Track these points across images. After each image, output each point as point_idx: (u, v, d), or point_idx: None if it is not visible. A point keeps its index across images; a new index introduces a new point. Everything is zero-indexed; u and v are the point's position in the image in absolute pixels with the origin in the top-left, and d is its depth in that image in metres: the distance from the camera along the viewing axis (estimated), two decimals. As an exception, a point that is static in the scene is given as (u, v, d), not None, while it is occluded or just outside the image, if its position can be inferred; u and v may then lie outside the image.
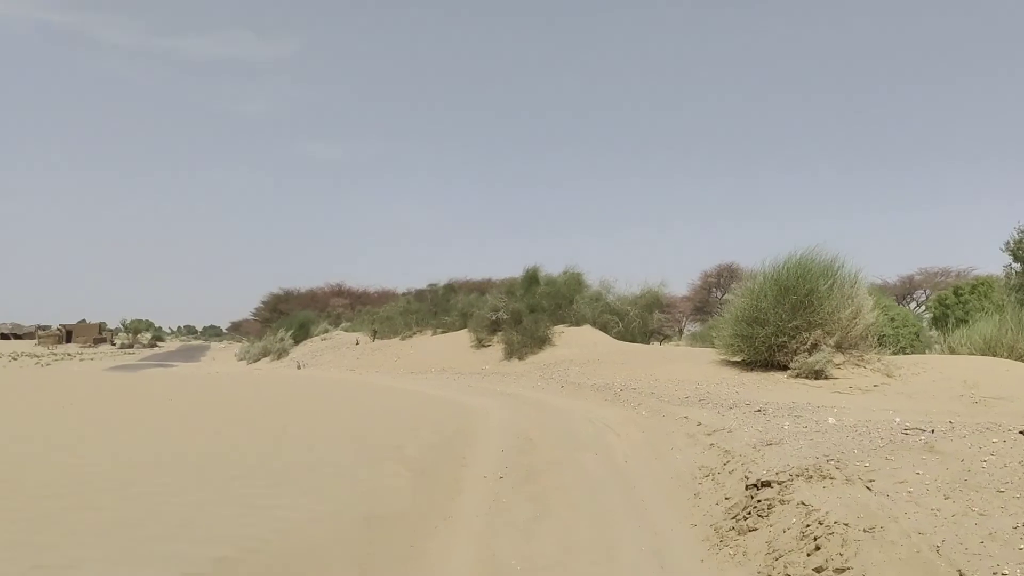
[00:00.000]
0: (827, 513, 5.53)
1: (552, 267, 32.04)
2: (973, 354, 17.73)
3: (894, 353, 18.99)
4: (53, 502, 5.48)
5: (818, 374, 15.71)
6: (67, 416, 10.91)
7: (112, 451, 7.69)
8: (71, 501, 5.54)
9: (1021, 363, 15.74)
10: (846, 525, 5.23)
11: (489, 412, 13.27)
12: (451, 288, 41.30)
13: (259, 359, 48.33)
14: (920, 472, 6.02)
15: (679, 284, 50.69)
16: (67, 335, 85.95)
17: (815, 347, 16.29)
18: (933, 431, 8.32)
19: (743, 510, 6.51)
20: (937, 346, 22.12)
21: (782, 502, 6.15)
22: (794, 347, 16.40)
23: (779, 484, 6.51)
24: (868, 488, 5.88)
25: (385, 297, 63.66)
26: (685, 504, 7.39)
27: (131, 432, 9.27)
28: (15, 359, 50.91)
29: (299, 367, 36.86)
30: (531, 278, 30.47)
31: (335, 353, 39.20)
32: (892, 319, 22.01)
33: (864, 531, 5.06)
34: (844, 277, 17.28)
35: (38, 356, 56.56)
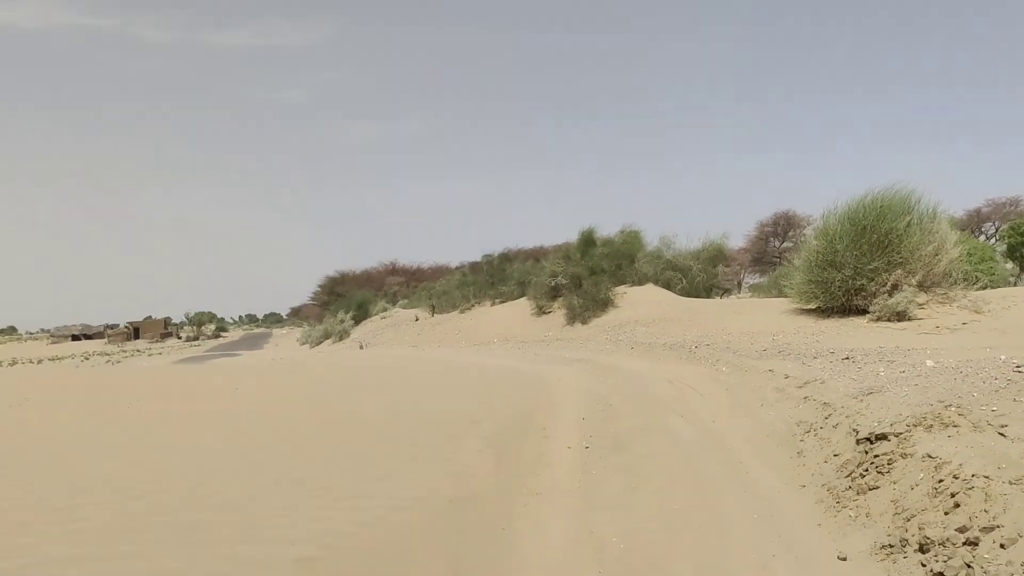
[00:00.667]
0: (961, 465, 4.99)
1: (610, 228, 31.41)
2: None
3: (981, 288, 18.04)
4: (127, 506, 5.27)
5: (901, 316, 14.96)
6: (128, 414, 10.87)
7: (183, 447, 7.51)
8: (142, 505, 5.31)
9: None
10: (987, 478, 4.68)
11: (562, 379, 12.88)
12: (506, 257, 40.93)
13: (321, 342, 48.84)
14: (1058, 413, 5.41)
15: (735, 236, 49.42)
16: (135, 332, 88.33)
17: (896, 288, 15.50)
18: (1049, 367, 7.65)
19: (858, 467, 5.99)
20: (1012, 279, 21.05)
21: (903, 456, 5.61)
22: (873, 289, 15.65)
23: (896, 436, 5.96)
24: (1002, 435, 5.30)
25: (439, 272, 63.75)
26: (788, 464, 6.89)
27: (198, 427, 9.12)
28: (87, 359, 52.41)
29: (361, 347, 37.03)
30: (587, 240, 29.87)
31: (395, 331, 39.31)
32: (969, 254, 20.93)
33: (1010, 483, 4.52)
34: (923, 212, 16.40)
35: (108, 354, 58.15)
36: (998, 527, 4.24)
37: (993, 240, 39.98)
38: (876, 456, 5.87)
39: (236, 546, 4.33)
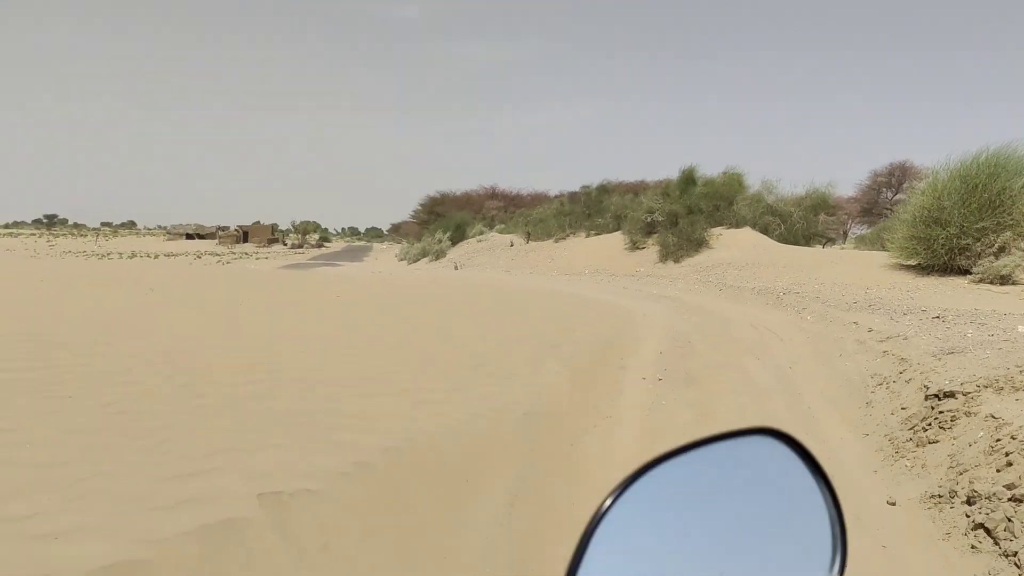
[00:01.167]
0: (1021, 427, 5.12)
1: (711, 168, 30.93)
2: None
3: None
4: (242, 389, 5.99)
5: (1004, 279, 14.50)
6: (242, 312, 11.81)
7: (292, 347, 8.26)
8: (257, 389, 6.02)
9: None
10: (1044, 440, 4.83)
11: (646, 315, 13.19)
12: (604, 190, 40.82)
13: (418, 260, 50.20)
14: None
15: (846, 185, 47.62)
16: (244, 235, 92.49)
17: (1003, 250, 14.98)
18: None
19: (922, 421, 6.16)
20: None
21: (967, 414, 5.75)
22: (978, 250, 15.17)
23: (964, 395, 6.08)
24: (1071, 402, 5.38)
25: (538, 200, 63.90)
26: (856, 413, 7.09)
27: (307, 329, 9.92)
28: (199, 257, 55.53)
29: (456, 267, 38.01)
30: (688, 179, 29.55)
31: (490, 254, 40.06)
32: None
33: (1065, 447, 4.66)
34: (1040, 173, 15.64)
35: (219, 255, 61.35)
36: (1042, 485, 4.41)
37: None
38: (941, 412, 6.02)
39: (332, 432, 4.94)
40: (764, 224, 27.00)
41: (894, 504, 5.16)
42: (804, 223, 28.00)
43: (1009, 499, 4.51)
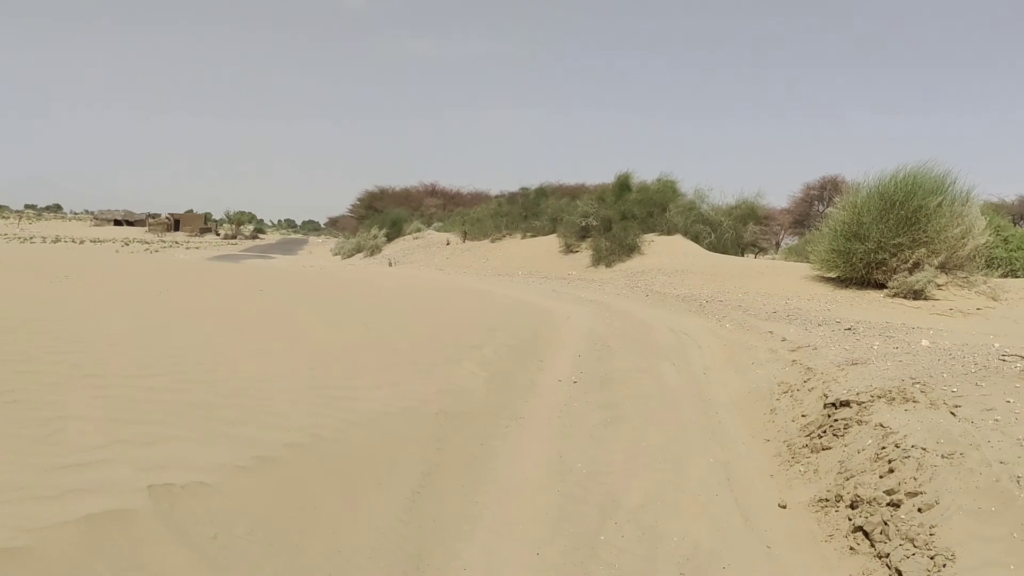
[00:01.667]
0: (905, 436, 5.37)
1: (647, 174, 31.40)
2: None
3: (1003, 276, 18.05)
4: (147, 381, 5.85)
5: (917, 294, 15.11)
6: (160, 303, 11.54)
7: (206, 339, 8.10)
8: (162, 382, 5.90)
9: None
10: (924, 449, 5.07)
11: (571, 318, 13.33)
12: (543, 192, 41.03)
13: (352, 255, 49.72)
14: (1011, 400, 5.73)
15: (779, 196, 49.06)
16: (175, 224, 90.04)
17: (917, 266, 15.60)
18: (1033, 359, 7.91)
19: (818, 428, 6.40)
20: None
21: (859, 422, 6.00)
22: (894, 265, 15.76)
23: (859, 404, 6.35)
24: (952, 414, 5.66)
25: (478, 199, 63.88)
26: (761, 419, 7.32)
27: (221, 321, 9.73)
28: (127, 244, 53.85)
29: (390, 264, 37.75)
30: (623, 184, 29.96)
31: (426, 252, 39.91)
32: (1006, 240, 20.79)
33: (942, 457, 4.90)
34: (955, 194, 16.34)
35: (148, 243, 59.55)
36: (921, 493, 4.64)
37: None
38: (836, 420, 6.27)
39: (235, 426, 4.88)
40: (695, 232, 27.55)
41: (785, 507, 5.34)
42: (734, 232, 28.67)
43: (887, 504, 4.72)
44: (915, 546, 4.19)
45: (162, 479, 3.79)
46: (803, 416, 6.91)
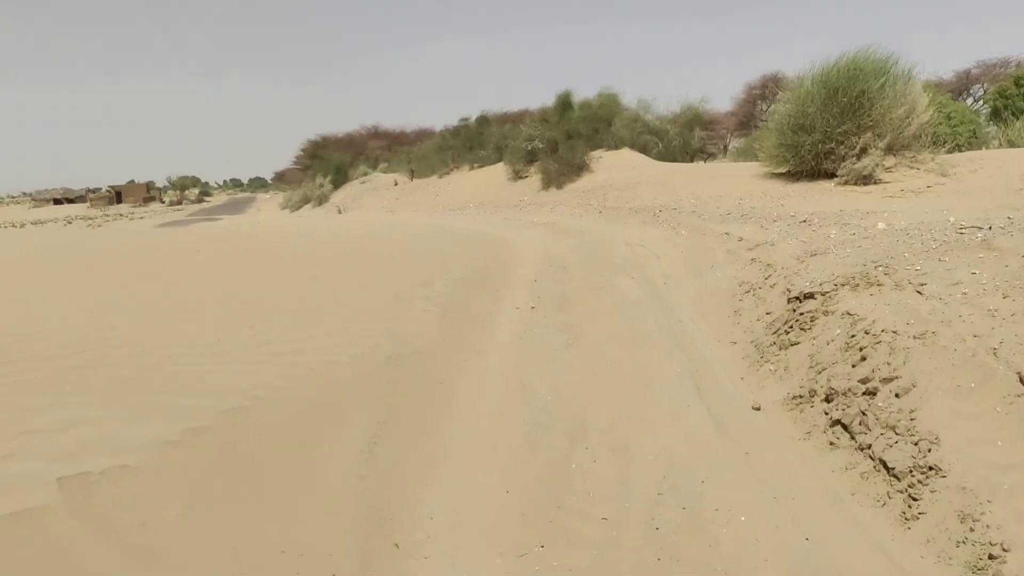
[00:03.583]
0: (874, 322, 5.17)
1: (587, 91, 30.74)
2: (1037, 146, 16.79)
3: (949, 152, 18.02)
4: (67, 361, 5.40)
5: (867, 179, 14.98)
6: (93, 277, 10.93)
7: (136, 310, 7.60)
8: (85, 358, 5.45)
9: (1087, 151, 14.88)
10: (894, 333, 4.87)
11: (524, 243, 12.99)
12: (485, 121, 40.09)
13: (300, 206, 48.58)
14: (976, 272, 5.56)
15: (723, 100, 48.82)
16: (117, 196, 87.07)
17: (864, 151, 15.45)
18: (991, 228, 7.79)
19: (784, 324, 6.20)
20: (995, 141, 20.99)
21: (826, 313, 5.79)
22: (842, 153, 15.58)
23: (823, 295, 6.14)
24: (919, 292, 5.47)
25: (423, 136, 62.44)
26: (725, 322, 7.11)
27: (155, 288, 9.20)
28: (70, 223, 51.88)
29: (340, 211, 36.91)
30: (564, 103, 29.23)
31: (374, 195, 39.11)
32: (948, 116, 20.75)
33: (914, 338, 4.71)
34: (897, 75, 16.12)
35: (91, 219, 57.42)
36: (896, 378, 4.45)
37: (980, 104, 39.50)
38: (801, 314, 6.07)
39: (163, 397, 4.48)
40: (643, 143, 27.13)
41: (759, 409, 5.15)
42: (681, 140, 28.33)
43: (863, 393, 4.54)
44: (896, 433, 4.01)
45: (76, 468, 3.41)
46: (768, 314, 6.71)
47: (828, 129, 15.50)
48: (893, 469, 3.80)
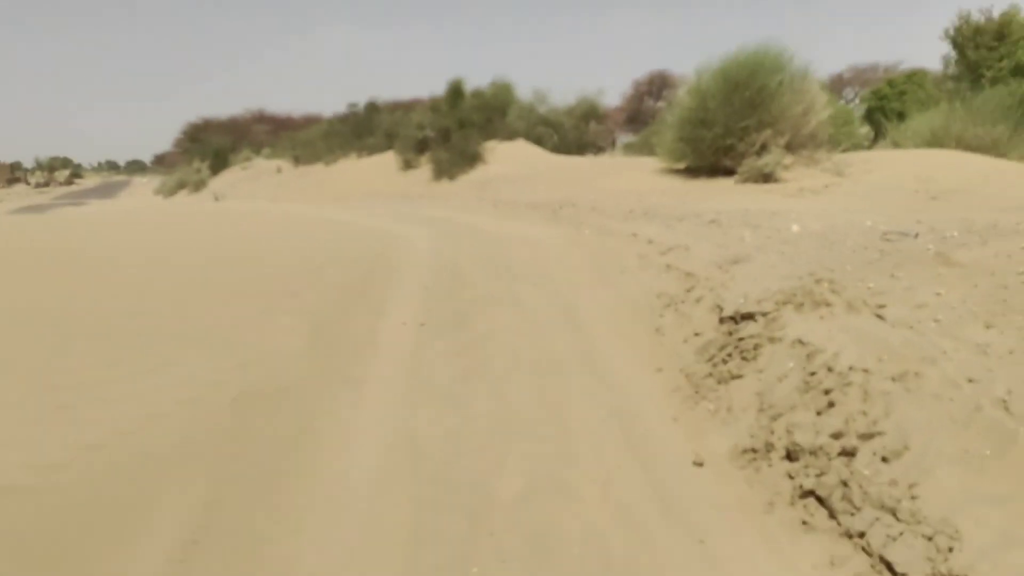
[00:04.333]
0: (836, 355, 4.27)
1: (481, 79, 29.68)
2: (919, 147, 16.91)
3: (844, 152, 18.00)
4: None
5: (767, 177, 14.63)
6: None
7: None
8: None
9: (971, 154, 15.03)
10: (865, 371, 3.98)
11: (414, 241, 11.73)
12: (375, 108, 38.28)
13: (176, 192, 45.53)
14: (941, 292, 4.76)
15: (610, 95, 48.89)
16: (-24, 176, 80.00)
17: (764, 148, 15.07)
18: (917, 235, 7.17)
19: (720, 350, 5.25)
20: (881, 142, 21.31)
21: (771, 340, 4.87)
22: (742, 150, 15.18)
23: (763, 315, 5.23)
24: (880, 317, 4.63)
25: (311, 122, 59.67)
26: (645, 342, 6.13)
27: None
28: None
29: (216, 199, 34.48)
30: (456, 91, 28.02)
31: (255, 183, 36.82)
32: (832, 117, 20.90)
33: (892, 379, 3.82)
34: (794, 71, 15.85)
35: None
36: (879, 434, 3.54)
37: (854, 104, 40.92)
38: (741, 339, 5.14)
39: None
40: (537, 135, 26.30)
41: (702, 465, 4.15)
42: (577, 132, 27.68)
43: (839, 453, 3.60)
44: (897, 519, 3.07)
45: None
46: (696, 335, 5.76)
47: (729, 124, 15.05)
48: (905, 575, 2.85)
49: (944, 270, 5.16)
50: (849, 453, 3.56)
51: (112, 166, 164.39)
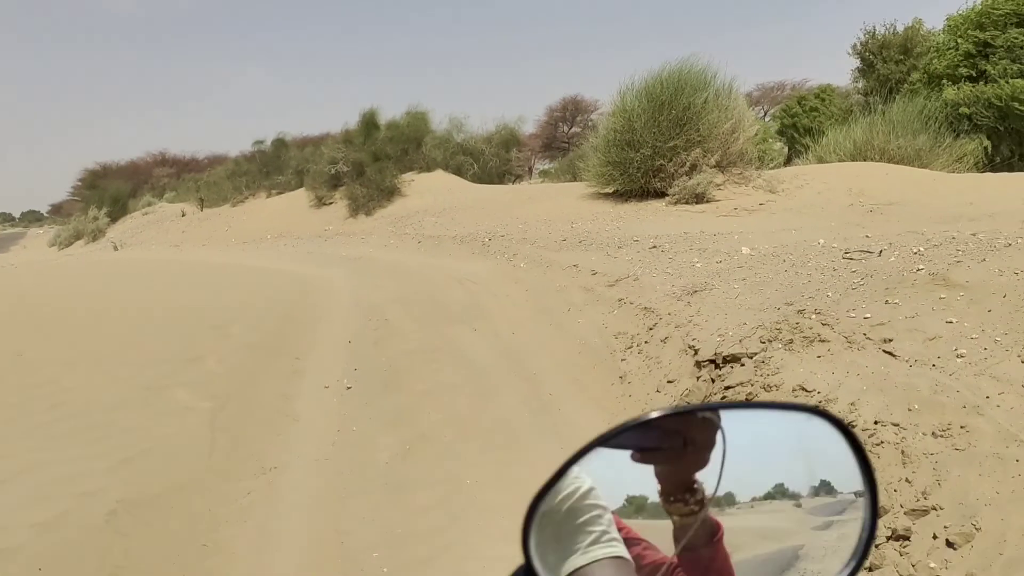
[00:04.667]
0: (852, 406, 3.55)
1: (394, 110, 28.87)
2: (844, 161, 16.92)
3: (770, 168, 17.88)
4: None
5: (700, 198, 14.21)
6: None
7: None
8: None
9: (896, 165, 15.06)
10: (897, 426, 3.27)
11: (332, 285, 10.71)
12: (282, 144, 36.88)
13: (72, 243, 42.78)
14: (953, 320, 4.13)
15: (526, 123, 48.84)
16: None
17: (694, 168, 14.69)
18: (880, 252, 6.67)
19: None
20: (781, 159, 21.50)
21: (766, 388, 4.13)
22: (672, 170, 14.73)
23: (750, 357, 4.51)
24: (890, 354, 3.96)
25: (217, 163, 57.60)
26: (610, 394, 5.34)
27: None
28: None
29: (116, 248, 32.38)
30: (369, 122, 27.05)
31: (158, 228, 34.82)
32: (754, 134, 20.94)
33: (934, 436, 3.12)
34: (719, 88, 15.61)
35: None
36: (935, 509, 2.81)
37: (768, 121, 41.81)
38: (728, 388, 4.39)
39: None
40: (457, 164, 25.53)
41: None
42: (497, 160, 27.06)
43: (890, 538, 2.86)
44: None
45: None
46: (670, 383, 5.01)
47: (657, 144, 14.60)
48: None
49: (945, 293, 4.55)
50: (903, 537, 2.83)
51: (6, 218, 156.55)
